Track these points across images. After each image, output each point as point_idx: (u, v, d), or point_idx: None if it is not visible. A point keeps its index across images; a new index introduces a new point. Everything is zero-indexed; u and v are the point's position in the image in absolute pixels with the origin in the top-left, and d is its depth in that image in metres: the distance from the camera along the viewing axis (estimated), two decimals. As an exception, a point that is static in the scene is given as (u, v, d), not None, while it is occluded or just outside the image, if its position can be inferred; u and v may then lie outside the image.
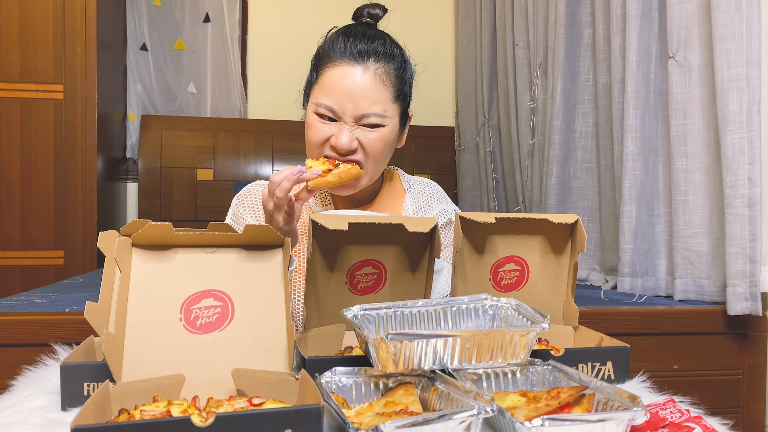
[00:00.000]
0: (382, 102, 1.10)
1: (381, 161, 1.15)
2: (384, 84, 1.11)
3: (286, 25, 3.41)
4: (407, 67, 1.18)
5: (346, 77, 1.09)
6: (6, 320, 1.33)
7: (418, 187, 1.30)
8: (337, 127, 1.10)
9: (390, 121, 1.13)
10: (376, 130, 1.11)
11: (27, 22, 2.51)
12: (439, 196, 1.31)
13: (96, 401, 0.60)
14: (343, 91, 1.09)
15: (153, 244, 0.76)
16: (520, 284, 0.96)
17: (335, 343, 0.88)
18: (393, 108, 1.13)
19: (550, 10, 2.34)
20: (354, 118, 1.09)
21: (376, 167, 1.15)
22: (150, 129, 3.22)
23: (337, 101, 1.09)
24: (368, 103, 1.09)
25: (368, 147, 1.11)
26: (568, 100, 2.23)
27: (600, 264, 2.15)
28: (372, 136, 1.11)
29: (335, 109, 1.09)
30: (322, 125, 1.11)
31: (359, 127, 1.10)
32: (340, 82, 1.09)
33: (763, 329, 1.57)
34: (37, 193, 2.54)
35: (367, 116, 1.09)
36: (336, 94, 1.09)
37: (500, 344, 0.71)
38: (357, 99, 1.09)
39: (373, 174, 1.16)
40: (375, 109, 1.09)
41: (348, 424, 0.56)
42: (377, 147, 1.12)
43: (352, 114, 1.09)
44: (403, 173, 1.33)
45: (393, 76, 1.13)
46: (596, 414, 0.59)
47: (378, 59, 1.11)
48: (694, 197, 1.67)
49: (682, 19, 1.67)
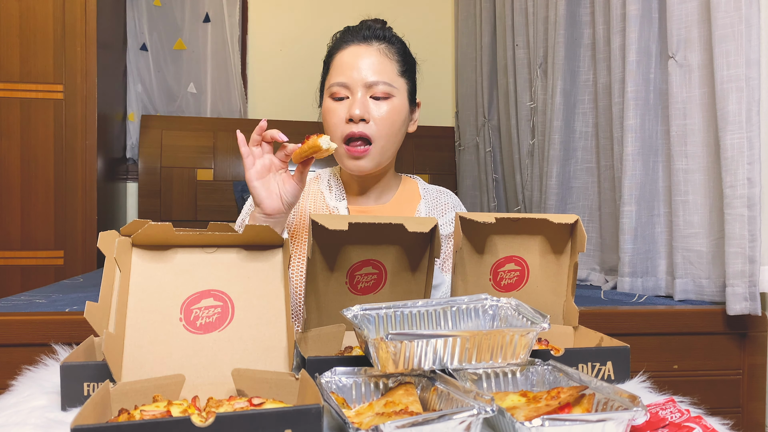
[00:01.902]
0: (388, 72, 1.18)
1: (392, 135, 1.19)
2: (388, 58, 1.20)
3: (286, 25, 3.41)
4: (409, 54, 1.26)
5: (353, 55, 1.18)
6: (6, 320, 1.33)
7: (434, 194, 1.32)
8: (350, 101, 1.17)
9: (398, 93, 1.19)
10: (385, 102, 1.18)
11: (27, 22, 2.51)
12: (454, 204, 1.32)
13: (96, 401, 0.60)
14: (352, 65, 1.17)
15: (153, 244, 0.77)
16: (520, 284, 0.96)
17: (335, 343, 0.88)
18: (400, 82, 1.21)
19: (550, 10, 2.34)
20: (364, 86, 1.17)
21: (387, 140, 1.19)
22: (150, 129, 3.22)
23: (347, 75, 1.17)
24: (374, 72, 1.17)
25: (379, 118, 1.17)
26: (568, 100, 2.23)
27: (600, 264, 2.15)
28: (382, 107, 1.17)
29: (346, 82, 1.17)
30: (338, 105, 1.18)
31: (370, 100, 1.17)
32: (349, 60, 1.18)
33: (762, 329, 1.57)
34: (37, 193, 2.54)
35: (375, 84, 1.17)
36: (346, 69, 1.18)
37: (500, 344, 0.71)
38: (365, 69, 1.17)
39: (384, 147, 1.19)
40: (382, 78, 1.17)
41: (348, 424, 0.56)
42: (387, 118, 1.17)
43: (361, 83, 1.17)
44: (422, 182, 1.35)
45: (396, 54, 1.21)
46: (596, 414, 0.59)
47: (381, 40, 1.21)
48: (693, 197, 1.67)
49: (682, 19, 1.67)
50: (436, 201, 1.30)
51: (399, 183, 1.32)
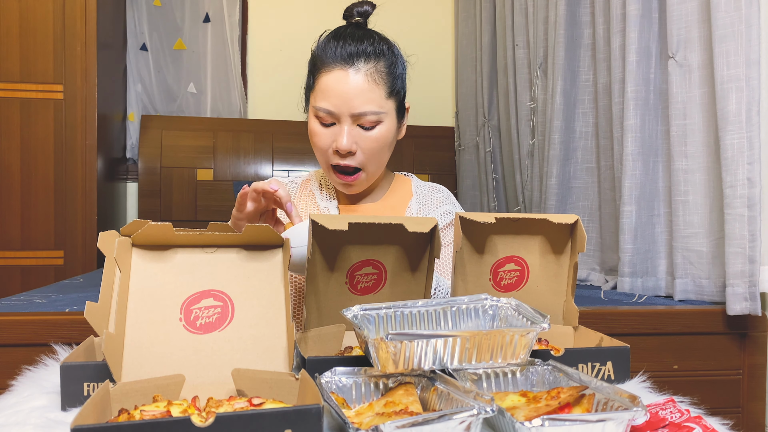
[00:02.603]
0: (376, 100, 1.14)
1: (380, 159, 1.19)
2: (376, 83, 1.14)
3: (286, 25, 3.41)
4: (398, 61, 1.20)
5: (339, 81, 1.13)
6: (6, 320, 1.33)
7: (426, 191, 1.31)
8: (338, 128, 1.14)
9: (386, 118, 1.16)
10: (373, 131, 1.15)
11: (27, 22, 2.51)
12: (445, 198, 1.31)
13: (96, 401, 0.60)
14: (339, 94, 1.12)
15: (153, 244, 0.76)
16: (520, 284, 0.96)
17: (335, 343, 0.88)
18: (388, 104, 1.16)
19: (550, 10, 2.34)
20: (351, 117, 1.13)
21: (376, 165, 1.20)
22: (150, 129, 3.22)
23: (333, 104, 1.13)
24: (363, 102, 1.12)
25: (366, 148, 1.15)
26: (568, 100, 2.23)
27: (600, 264, 2.15)
28: (370, 137, 1.15)
29: (333, 111, 1.13)
30: (325, 130, 1.15)
31: (357, 128, 1.14)
32: (335, 86, 1.13)
33: (762, 329, 1.57)
34: (37, 193, 2.54)
35: (363, 114, 1.13)
36: (332, 97, 1.13)
37: (500, 344, 0.71)
38: (351, 99, 1.12)
39: (374, 171, 1.20)
40: (370, 108, 1.13)
41: (348, 424, 0.56)
42: (375, 147, 1.16)
43: (348, 113, 1.13)
44: (415, 179, 1.34)
45: (384, 74, 1.16)
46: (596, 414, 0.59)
47: (368, 59, 1.14)
48: (693, 197, 1.67)
49: (682, 19, 1.67)
50: (429, 197, 1.30)
51: (391, 181, 1.31)
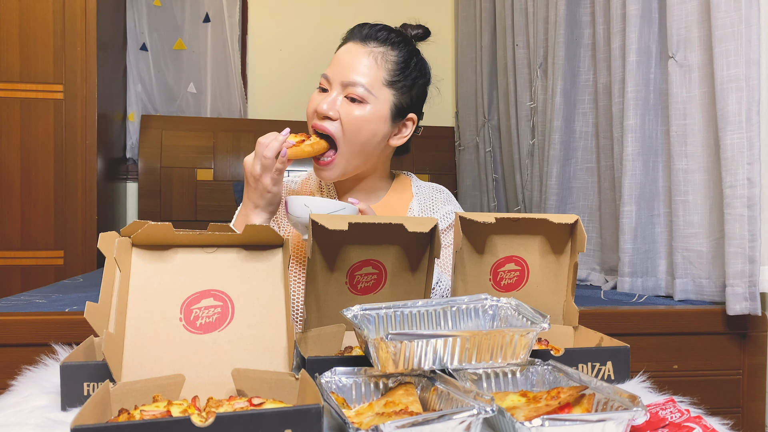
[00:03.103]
0: (370, 78, 1.13)
1: (359, 142, 1.13)
2: (377, 64, 1.14)
3: (286, 25, 3.41)
4: (415, 66, 1.19)
5: (346, 51, 1.15)
6: (6, 320, 1.33)
7: (426, 192, 1.29)
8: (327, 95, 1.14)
9: (375, 102, 1.13)
10: (357, 105, 1.12)
11: (27, 22, 2.51)
12: (447, 199, 1.30)
13: (96, 401, 0.60)
14: (340, 61, 1.15)
15: (153, 244, 0.77)
16: (520, 284, 0.96)
17: (335, 343, 0.88)
18: (382, 91, 1.14)
19: (550, 10, 2.34)
20: (341, 84, 1.13)
21: (353, 148, 1.13)
22: (150, 129, 3.22)
23: (332, 70, 1.15)
24: (355, 73, 1.12)
25: (345, 120, 1.11)
26: (568, 100, 2.23)
27: (600, 264, 2.15)
28: (350, 109, 1.11)
29: (329, 75, 1.15)
30: (317, 96, 1.16)
31: (344, 99, 1.12)
32: (341, 55, 1.16)
33: (762, 329, 1.57)
34: (37, 193, 2.53)
35: (352, 84, 1.12)
36: (335, 63, 1.16)
37: (500, 344, 0.71)
38: (347, 66, 1.13)
39: (349, 157, 1.14)
40: (360, 80, 1.12)
41: (348, 424, 0.56)
42: (354, 123, 1.11)
43: (340, 79, 1.13)
44: (415, 179, 1.33)
45: (391, 63, 1.15)
46: (596, 414, 0.59)
47: (380, 43, 1.16)
48: (693, 197, 1.67)
49: (682, 19, 1.67)
50: (429, 198, 1.28)
51: (391, 182, 1.30)
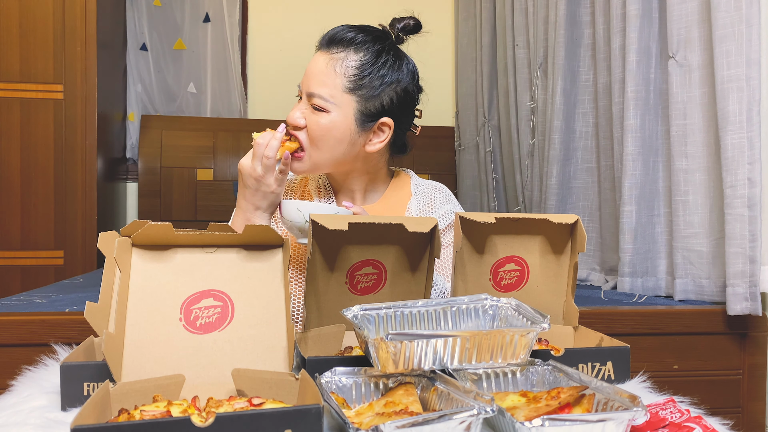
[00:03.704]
0: (329, 87, 1.14)
1: (322, 148, 1.15)
2: (335, 71, 1.14)
3: (286, 25, 3.41)
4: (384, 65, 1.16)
5: (313, 60, 1.18)
6: (6, 320, 1.33)
7: (426, 190, 1.29)
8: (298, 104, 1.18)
9: (336, 110, 1.14)
10: (321, 115, 1.15)
11: (27, 22, 2.51)
12: (446, 198, 1.30)
13: (96, 401, 0.60)
14: (306, 72, 1.18)
15: (153, 244, 0.76)
16: (520, 284, 0.96)
17: (335, 343, 0.88)
18: (343, 98, 1.14)
19: (550, 10, 2.34)
20: (307, 94, 1.16)
21: (317, 153, 1.16)
22: (150, 129, 3.22)
23: (302, 80, 1.18)
24: (315, 84, 1.15)
25: (310, 128, 1.15)
26: (568, 100, 2.23)
27: (600, 264, 2.15)
28: (314, 118, 1.15)
29: (300, 85, 1.19)
30: (295, 104, 1.19)
31: (309, 107, 1.16)
32: (309, 65, 1.18)
33: (763, 329, 1.57)
34: (37, 193, 2.53)
35: (312, 96, 1.15)
36: (305, 74, 1.19)
37: (500, 344, 0.71)
38: (310, 77, 1.16)
39: (317, 160, 1.17)
40: (320, 91, 1.14)
41: (348, 424, 0.56)
42: (316, 130, 1.15)
43: (305, 90, 1.17)
44: (414, 176, 1.32)
45: (351, 68, 1.14)
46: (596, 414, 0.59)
47: (341, 48, 1.15)
48: (694, 197, 1.67)
49: (682, 19, 1.67)
50: (428, 197, 1.28)
51: (389, 181, 1.29)
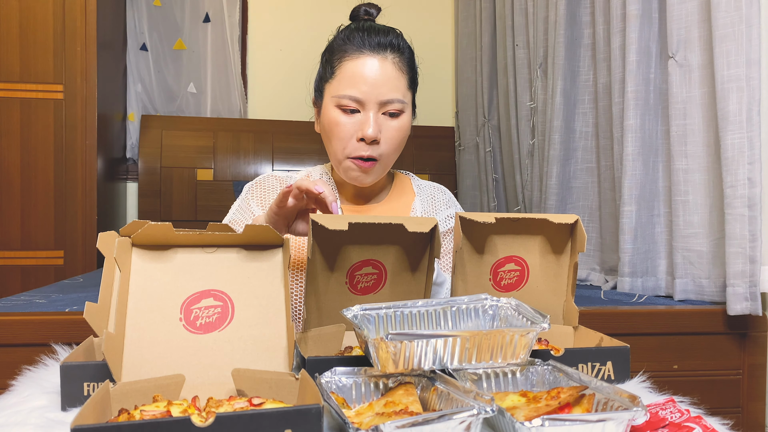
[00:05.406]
0: (401, 89, 1.16)
1: (398, 151, 1.20)
2: (401, 71, 1.16)
3: (286, 25, 3.41)
4: (414, 57, 1.24)
5: (368, 67, 1.14)
6: (6, 320, 1.33)
7: (428, 191, 1.31)
8: (362, 116, 1.14)
9: (407, 108, 1.18)
10: (396, 119, 1.16)
11: (27, 22, 2.51)
12: (449, 201, 1.31)
13: (96, 401, 0.60)
14: (367, 80, 1.13)
15: (153, 244, 0.76)
16: (520, 284, 0.96)
17: (335, 343, 0.88)
18: (408, 96, 1.19)
19: (550, 10, 2.34)
20: (378, 104, 1.13)
21: (393, 158, 1.20)
22: (150, 129, 3.22)
23: (361, 90, 1.13)
24: (390, 90, 1.14)
25: (389, 137, 1.16)
26: (568, 100, 2.23)
27: (600, 264, 2.15)
28: (393, 125, 1.16)
29: (360, 98, 1.13)
30: (348, 119, 1.14)
31: (382, 116, 1.15)
32: (363, 72, 1.13)
33: (763, 329, 1.57)
34: (37, 193, 2.53)
35: (390, 102, 1.14)
36: (360, 83, 1.13)
37: (500, 344, 0.71)
38: (380, 86, 1.13)
39: (388, 164, 1.20)
40: (396, 95, 1.15)
41: (348, 424, 0.56)
42: (397, 137, 1.17)
43: (376, 100, 1.13)
44: (414, 178, 1.34)
45: (407, 66, 1.18)
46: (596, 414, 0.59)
47: (394, 50, 1.17)
48: (694, 197, 1.67)
49: (682, 19, 1.67)
50: (432, 198, 1.29)
51: (392, 181, 1.31)
